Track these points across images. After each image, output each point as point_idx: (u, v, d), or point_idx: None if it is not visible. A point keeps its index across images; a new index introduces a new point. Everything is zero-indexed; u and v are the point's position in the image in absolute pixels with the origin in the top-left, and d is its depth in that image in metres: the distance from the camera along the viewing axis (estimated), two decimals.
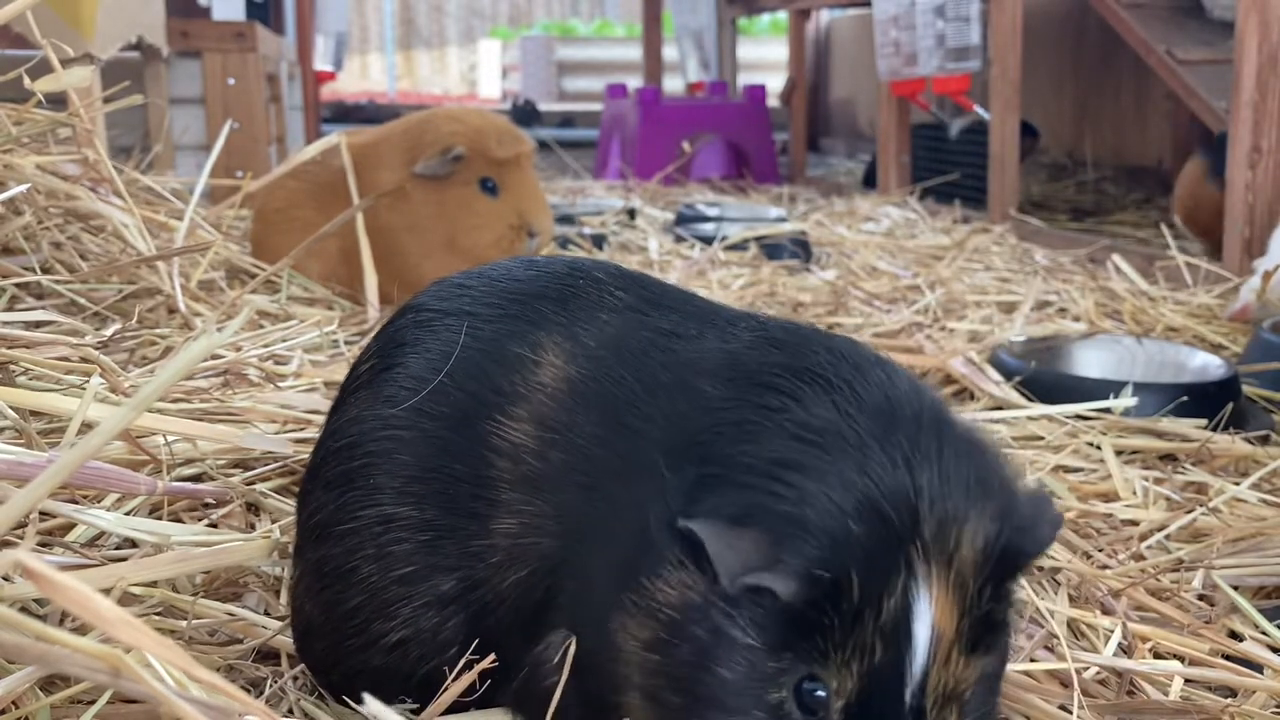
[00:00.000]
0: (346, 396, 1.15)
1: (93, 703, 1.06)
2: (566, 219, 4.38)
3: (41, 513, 1.36)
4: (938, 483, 0.86)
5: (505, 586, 1.01)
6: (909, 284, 3.46)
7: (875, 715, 0.84)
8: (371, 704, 0.80)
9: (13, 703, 1.02)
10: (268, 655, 1.26)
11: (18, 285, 2.15)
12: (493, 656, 0.98)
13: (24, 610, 1.19)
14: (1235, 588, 1.49)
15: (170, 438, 1.58)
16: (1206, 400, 2.16)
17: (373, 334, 1.23)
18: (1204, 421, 2.11)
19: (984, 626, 0.87)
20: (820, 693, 0.84)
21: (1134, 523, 1.74)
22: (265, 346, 2.16)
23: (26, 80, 2.15)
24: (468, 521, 1.02)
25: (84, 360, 1.78)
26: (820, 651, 0.84)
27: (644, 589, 0.89)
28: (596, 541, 0.95)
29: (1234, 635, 1.41)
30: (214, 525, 1.50)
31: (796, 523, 0.84)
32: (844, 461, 0.86)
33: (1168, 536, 1.68)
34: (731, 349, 1.00)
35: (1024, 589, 1.43)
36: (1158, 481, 1.89)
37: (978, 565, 0.86)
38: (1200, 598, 1.53)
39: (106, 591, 1.15)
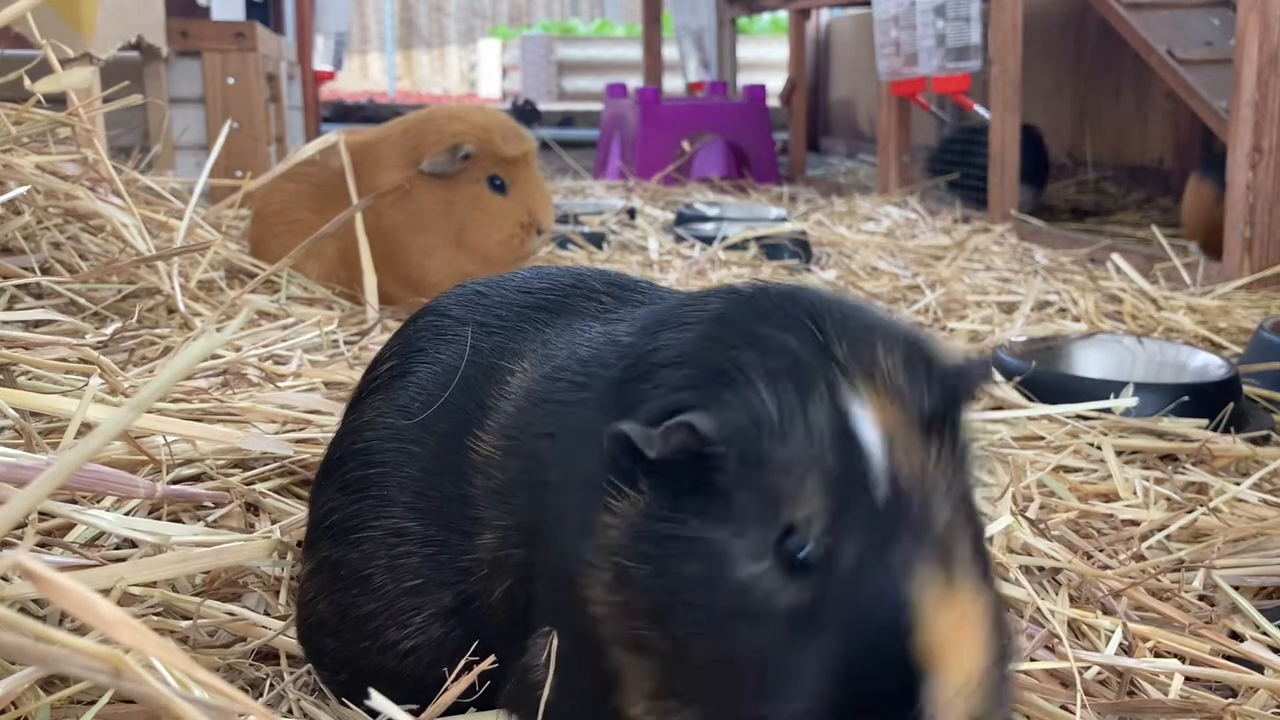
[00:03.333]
0: (365, 396, 1.18)
1: (92, 703, 1.06)
2: (563, 219, 4.38)
3: (41, 513, 1.36)
4: (841, 322, 0.86)
5: (495, 599, 1.03)
6: (909, 284, 3.45)
7: (857, 518, 0.78)
8: (378, 700, 0.80)
9: (12, 703, 1.02)
10: (268, 656, 1.26)
11: (17, 285, 2.15)
12: (493, 658, 0.99)
13: (23, 611, 1.19)
14: (1236, 588, 1.49)
15: (170, 438, 1.58)
16: (1207, 400, 2.16)
17: (396, 330, 1.24)
18: (1204, 421, 2.11)
19: (943, 439, 0.83)
20: (798, 541, 0.79)
21: (1134, 523, 1.73)
22: (265, 346, 2.16)
23: (27, 81, 2.15)
24: (460, 538, 1.05)
25: (83, 361, 1.78)
26: (771, 495, 0.80)
27: (593, 537, 0.87)
28: (551, 532, 0.96)
29: (1234, 635, 1.41)
30: (213, 525, 1.50)
31: (687, 373, 0.85)
32: (723, 329, 0.86)
33: (1168, 537, 1.68)
34: (658, 307, 1.01)
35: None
36: (1158, 482, 1.89)
37: (904, 377, 0.83)
38: (1201, 598, 1.52)
39: (106, 592, 1.15)
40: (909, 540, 0.78)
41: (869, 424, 0.80)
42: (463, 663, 1.00)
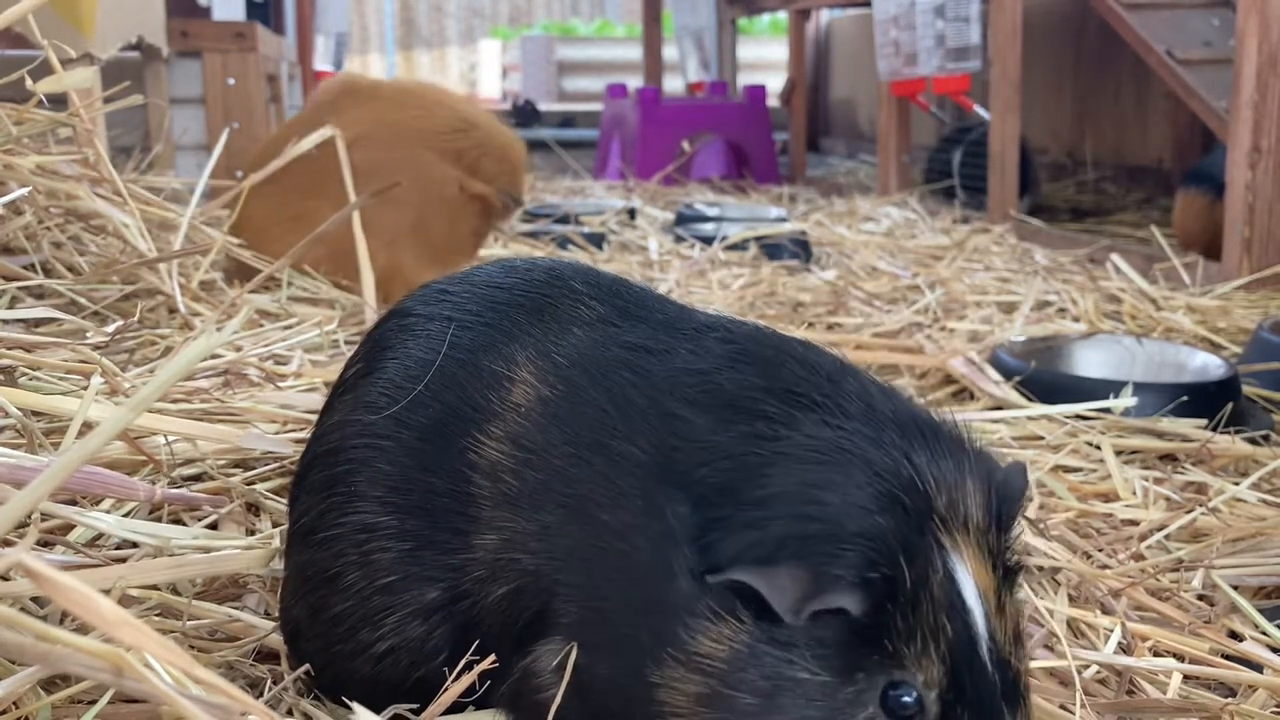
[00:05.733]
0: (334, 400, 1.16)
1: (93, 703, 1.06)
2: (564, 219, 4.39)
3: (42, 514, 1.36)
4: (933, 464, 0.90)
5: (491, 600, 1.01)
6: (909, 284, 3.46)
7: (970, 686, 0.86)
8: (361, 713, 0.80)
9: (13, 703, 1.02)
10: (268, 655, 1.26)
11: (19, 286, 2.15)
12: (493, 657, 0.99)
13: (23, 610, 1.19)
14: (1235, 587, 1.49)
15: (170, 438, 1.58)
16: (1206, 400, 2.16)
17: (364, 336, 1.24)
18: (1204, 421, 2.11)
19: (1008, 571, 0.92)
20: (908, 696, 0.85)
21: (1134, 522, 1.74)
22: (265, 346, 2.16)
23: (28, 81, 2.15)
24: (449, 535, 1.03)
25: (84, 361, 1.78)
26: (892, 654, 0.85)
27: (682, 642, 0.88)
28: (595, 567, 0.94)
29: (1234, 635, 1.41)
30: (214, 526, 1.50)
31: (831, 538, 0.85)
32: (849, 471, 0.88)
33: (1167, 536, 1.68)
34: (703, 369, 0.99)
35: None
36: (1157, 481, 1.89)
37: (985, 522, 0.91)
38: (1200, 597, 1.53)
39: (106, 592, 1.15)
40: (1007, 698, 0.88)
41: (972, 588, 0.88)
42: (464, 661, 1.00)
